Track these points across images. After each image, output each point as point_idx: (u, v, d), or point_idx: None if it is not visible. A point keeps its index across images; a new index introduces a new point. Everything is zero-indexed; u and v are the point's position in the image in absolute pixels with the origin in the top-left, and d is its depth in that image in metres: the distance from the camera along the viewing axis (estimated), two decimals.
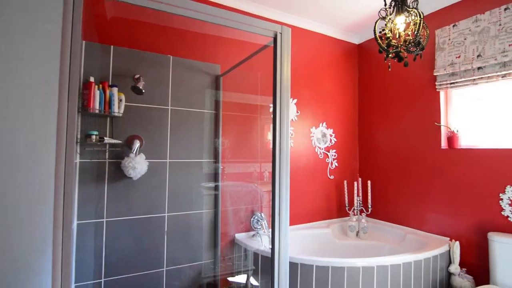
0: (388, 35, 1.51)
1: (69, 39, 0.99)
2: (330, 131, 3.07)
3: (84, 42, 1.89)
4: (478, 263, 2.23)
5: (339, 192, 3.09)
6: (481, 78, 2.23)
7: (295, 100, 2.82)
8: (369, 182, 2.97)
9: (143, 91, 2.00)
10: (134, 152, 1.94)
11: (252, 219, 2.48)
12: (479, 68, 2.24)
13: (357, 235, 2.86)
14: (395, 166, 2.87)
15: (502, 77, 2.12)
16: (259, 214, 2.48)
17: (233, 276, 2.46)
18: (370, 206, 2.94)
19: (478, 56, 2.24)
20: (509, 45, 2.07)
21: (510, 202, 2.06)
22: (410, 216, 2.72)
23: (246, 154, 2.58)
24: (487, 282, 2.10)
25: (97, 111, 1.79)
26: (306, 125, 2.93)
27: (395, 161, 2.88)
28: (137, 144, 1.98)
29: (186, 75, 2.29)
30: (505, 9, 2.12)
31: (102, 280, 1.93)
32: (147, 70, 2.13)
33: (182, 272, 2.21)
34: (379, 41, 1.51)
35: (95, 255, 1.92)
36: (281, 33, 1.37)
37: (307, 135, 2.93)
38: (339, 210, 3.10)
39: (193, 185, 2.29)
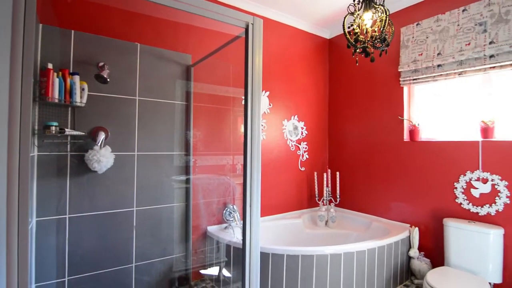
0: (356, 31, 1.55)
1: (22, 21, 0.91)
2: (302, 124, 3.13)
3: (41, 25, 1.75)
4: (434, 247, 2.42)
5: (310, 183, 3.18)
6: (441, 75, 2.38)
7: (267, 93, 2.83)
8: (337, 173, 3.08)
9: (108, 80, 1.90)
10: (99, 144, 1.84)
11: (224, 211, 2.48)
12: (439, 65, 2.38)
13: (326, 224, 2.97)
14: (362, 158, 3.00)
15: (459, 74, 2.27)
16: (232, 206, 2.48)
17: (205, 268, 2.45)
18: (338, 196, 3.07)
19: (438, 54, 2.38)
20: (466, 44, 2.22)
21: (463, 191, 2.25)
22: (375, 205, 2.87)
23: (218, 147, 2.56)
24: (442, 264, 2.28)
25: (56, 101, 1.67)
26: (278, 118, 2.96)
27: (362, 153, 3.01)
28: (102, 136, 1.89)
29: (155, 64, 2.21)
30: (463, 10, 2.26)
31: (66, 279, 1.84)
32: (113, 58, 2.01)
33: (153, 267, 2.17)
34: (348, 36, 1.55)
35: (57, 253, 1.82)
36: (253, 24, 1.36)
37: (279, 128, 2.96)
38: (310, 200, 3.19)
39: (163, 178, 2.23)
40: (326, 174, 3.08)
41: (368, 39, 1.54)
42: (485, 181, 2.13)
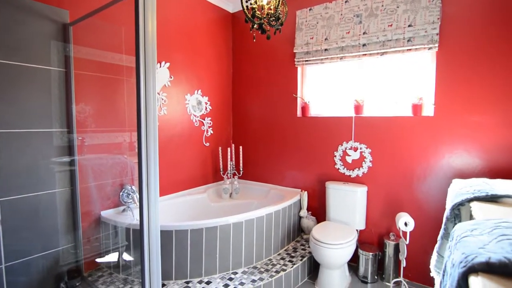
0: (253, 6, 1.58)
1: None
2: (206, 99, 3.08)
3: None
4: (319, 206, 2.86)
5: (215, 158, 3.22)
6: (327, 58, 2.70)
7: (167, 64, 2.64)
8: (240, 147, 3.22)
9: None
10: None
11: (121, 193, 2.28)
12: (325, 49, 2.69)
13: (230, 196, 3.11)
14: (263, 133, 3.21)
15: (340, 59, 2.62)
16: (130, 187, 2.30)
17: (101, 256, 2.24)
18: (241, 169, 3.23)
19: (325, 39, 2.67)
20: (346, 32, 2.56)
21: (340, 158, 2.69)
22: (273, 174, 3.16)
23: (112, 123, 2.28)
24: (324, 219, 2.73)
25: None
26: (181, 92, 2.82)
27: (263, 128, 3.21)
28: None
29: (21, 19, 1.74)
30: (345, 2, 2.57)
31: None
32: None
33: (32, 264, 1.84)
34: (245, 10, 1.57)
35: None
36: None
37: (182, 102, 2.84)
38: (215, 175, 3.25)
39: (39, 161, 1.86)
40: (230, 148, 3.18)
41: (265, 16, 1.59)
42: (355, 149, 2.60)
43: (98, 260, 2.24)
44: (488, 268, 0.66)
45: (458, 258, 0.75)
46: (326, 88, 2.85)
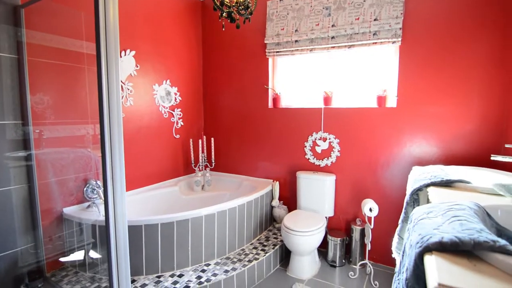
0: None
1: None
2: (175, 89, 2.99)
3: None
4: (290, 196, 2.93)
5: (186, 150, 3.16)
6: (297, 50, 2.72)
7: (133, 52, 2.51)
8: (212, 139, 3.18)
9: None
10: None
11: (85, 188, 2.16)
12: (296, 41, 2.71)
13: (202, 188, 3.08)
14: (235, 124, 3.19)
15: (310, 51, 2.66)
16: (94, 182, 2.19)
17: (65, 255, 2.13)
18: (213, 161, 3.20)
19: (295, 30, 2.69)
20: (316, 24, 2.59)
21: (310, 148, 2.76)
22: (245, 166, 3.17)
23: (73, 114, 2.14)
24: (295, 208, 2.81)
25: None
26: (148, 82, 2.71)
27: (235, 119, 3.19)
28: None
29: None
30: None
31: None
32: None
33: None
34: None
35: None
36: None
37: (150, 93, 2.73)
38: (186, 167, 3.20)
39: None
40: (202, 140, 3.13)
41: (234, 4, 1.56)
42: (324, 139, 2.68)
43: (62, 259, 2.13)
44: (441, 247, 0.72)
45: (415, 239, 0.80)
46: (296, 79, 2.89)
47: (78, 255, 2.13)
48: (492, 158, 1.39)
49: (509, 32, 1.95)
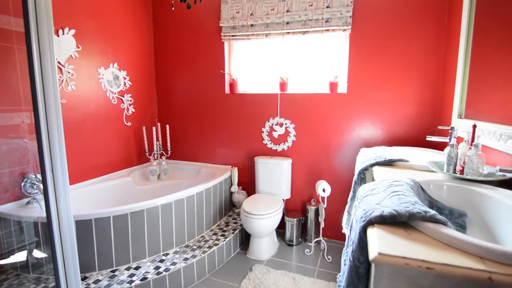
0: None
1: None
2: (124, 73, 2.78)
3: None
4: (249, 181, 2.97)
5: (138, 138, 3.00)
6: (253, 34, 2.69)
7: (72, 31, 2.26)
8: (167, 126, 3.06)
9: None
10: None
11: (23, 183, 1.95)
12: (251, 25, 2.67)
13: (158, 177, 2.97)
14: (191, 110, 3.09)
15: (266, 35, 2.65)
16: (34, 176, 1.98)
17: (4, 257, 1.93)
18: (169, 149, 3.09)
19: (251, 14, 2.65)
20: (271, 9, 2.58)
21: (267, 134, 2.80)
22: (203, 153, 3.12)
23: (3, 101, 1.88)
24: (254, 192, 2.86)
25: None
26: (93, 65, 2.48)
27: (191, 105, 3.09)
28: None
29: None
30: None
31: None
32: None
33: None
34: None
35: None
36: None
37: (95, 77, 2.51)
38: (140, 156, 3.05)
39: None
40: (156, 127, 2.99)
41: None
42: (281, 125, 2.74)
43: (0, 262, 1.92)
44: (382, 220, 0.79)
45: (360, 214, 0.87)
46: (253, 65, 2.87)
47: (19, 256, 1.94)
48: (427, 139, 1.55)
49: (441, 21, 2.14)
